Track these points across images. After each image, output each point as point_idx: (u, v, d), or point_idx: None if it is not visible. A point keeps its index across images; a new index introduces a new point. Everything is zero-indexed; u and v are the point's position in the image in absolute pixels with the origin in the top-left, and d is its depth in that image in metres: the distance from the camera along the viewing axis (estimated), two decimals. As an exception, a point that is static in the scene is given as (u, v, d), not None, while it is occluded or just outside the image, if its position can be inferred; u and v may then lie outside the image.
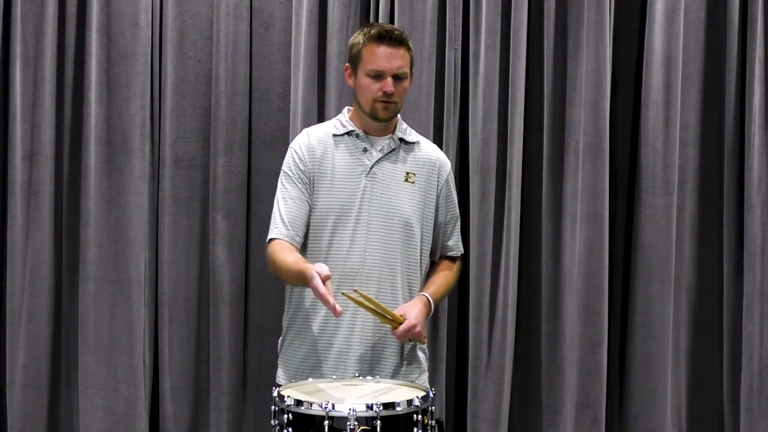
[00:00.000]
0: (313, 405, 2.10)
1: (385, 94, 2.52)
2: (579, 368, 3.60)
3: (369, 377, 2.47)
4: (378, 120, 2.57)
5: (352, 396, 2.25)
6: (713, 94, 3.73)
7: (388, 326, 2.50)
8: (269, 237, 2.58)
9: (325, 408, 2.07)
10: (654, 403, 3.63)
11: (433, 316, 3.58)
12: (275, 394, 2.21)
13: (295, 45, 3.56)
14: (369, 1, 3.61)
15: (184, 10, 3.59)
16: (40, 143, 3.54)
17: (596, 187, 3.59)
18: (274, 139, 3.57)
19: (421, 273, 2.64)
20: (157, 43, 3.59)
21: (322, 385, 2.37)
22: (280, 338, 2.68)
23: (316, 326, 2.55)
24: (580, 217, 3.59)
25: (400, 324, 2.45)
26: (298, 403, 2.13)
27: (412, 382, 2.51)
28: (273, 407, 2.20)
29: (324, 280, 2.27)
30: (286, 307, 2.65)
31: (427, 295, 2.57)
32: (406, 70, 2.56)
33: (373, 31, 2.56)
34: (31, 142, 3.55)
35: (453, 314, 3.66)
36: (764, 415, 3.64)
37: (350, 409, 2.05)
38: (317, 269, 2.29)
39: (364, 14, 3.61)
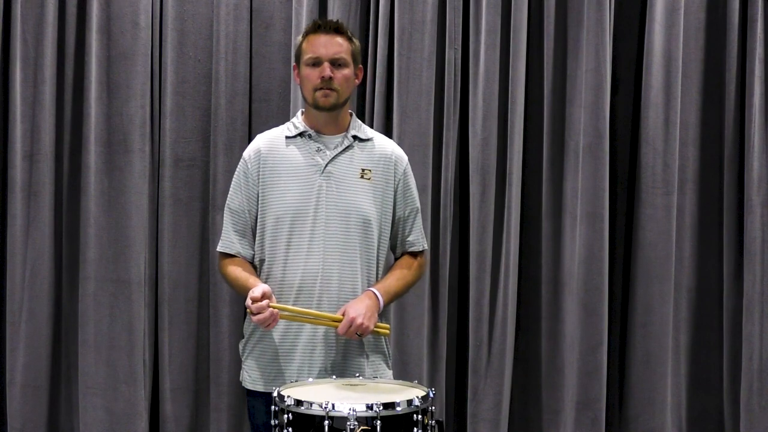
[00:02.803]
0: (313, 405, 2.10)
1: (323, 79, 2.50)
2: (579, 368, 3.60)
3: (369, 377, 2.47)
4: (320, 109, 2.54)
5: (352, 396, 2.25)
6: (713, 94, 3.73)
7: None
8: (220, 249, 2.63)
9: (325, 408, 2.07)
10: (654, 403, 3.64)
11: (433, 316, 3.59)
12: (275, 394, 2.21)
13: (295, 45, 3.56)
14: (369, 1, 3.61)
15: (184, 10, 3.60)
16: (40, 143, 3.54)
17: (596, 187, 3.59)
18: (274, 139, 3.57)
19: (378, 270, 2.60)
20: (157, 43, 3.59)
21: (322, 385, 2.37)
22: (242, 343, 2.65)
23: (278, 332, 2.54)
24: (580, 217, 3.59)
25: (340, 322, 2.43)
26: (298, 403, 2.13)
27: (377, 376, 2.51)
28: (273, 407, 2.20)
29: (261, 298, 2.38)
30: (247, 313, 2.64)
31: (374, 290, 2.51)
32: (345, 57, 2.54)
33: (311, 25, 2.60)
34: (31, 142, 3.55)
35: (453, 314, 3.66)
36: (764, 415, 3.64)
37: (350, 409, 2.05)
38: (252, 292, 2.39)
39: (364, 14, 3.61)
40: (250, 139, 3.60)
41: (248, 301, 2.40)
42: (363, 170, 2.57)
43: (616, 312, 3.71)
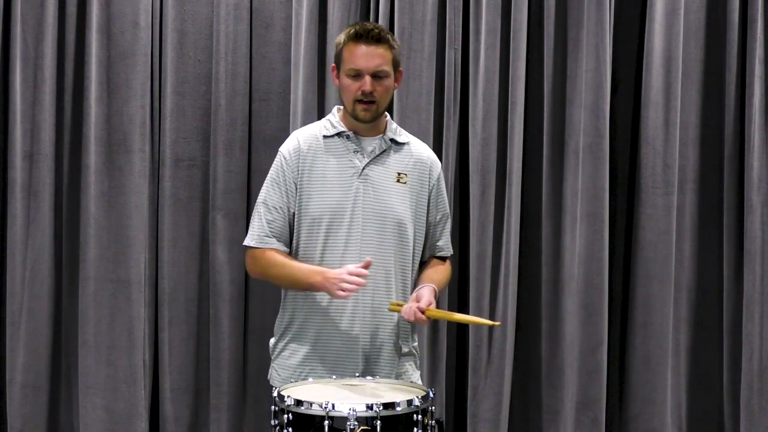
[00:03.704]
0: (313, 405, 2.10)
1: (364, 93, 2.49)
2: (579, 368, 3.60)
3: (369, 377, 2.47)
4: (359, 121, 2.54)
5: (352, 396, 2.25)
6: (713, 94, 3.73)
7: (386, 326, 2.53)
8: (255, 245, 2.55)
9: (325, 408, 2.07)
10: (654, 403, 3.63)
11: (433, 316, 3.58)
12: (275, 394, 2.21)
13: (295, 45, 3.56)
14: (369, 1, 3.61)
15: (184, 10, 3.60)
16: (40, 143, 3.55)
17: (596, 187, 3.59)
18: (274, 139, 3.57)
19: (412, 274, 2.62)
20: (157, 43, 3.59)
21: (322, 385, 2.37)
22: (273, 341, 2.65)
23: (313, 330, 2.54)
24: (580, 217, 3.59)
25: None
26: (298, 403, 2.13)
27: (409, 380, 2.52)
28: (273, 407, 2.20)
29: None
30: (280, 311, 2.63)
31: (434, 287, 2.54)
32: (386, 68, 2.52)
33: (352, 31, 2.55)
34: (31, 142, 3.55)
35: (453, 314, 3.66)
36: (764, 415, 3.64)
37: (350, 409, 2.05)
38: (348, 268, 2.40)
39: (364, 14, 3.61)
40: (250, 139, 3.61)
41: (344, 272, 2.39)
42: (399, 174, 2.58)
43: (616, 312, 3.71)
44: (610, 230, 3.63)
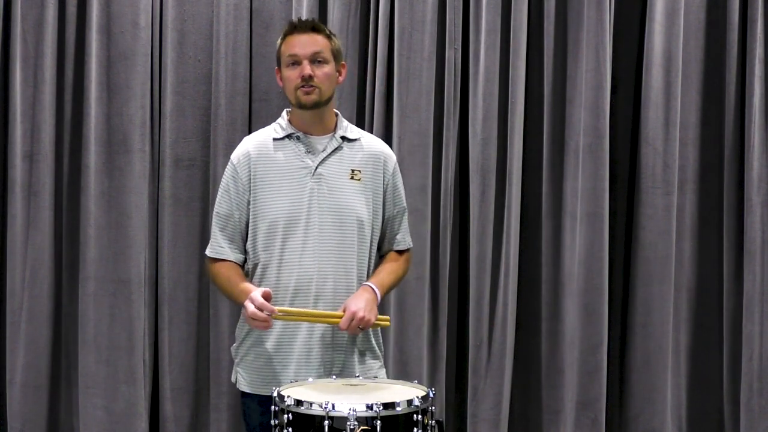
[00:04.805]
0: (313, 405, 2.10)
1: (303, 78, 2.50)
2: (579, 368, 3.60)
3: (368, 377, 2.47)
4: (304, 108, 2.53)
5: (352, 396, 2.25)
6: (713, 94, 3.73)
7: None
8: (209, 254, 2.62)
9: (325, 408, 2.07)
10: (654, 403, 3.64)
11: (433, 316, 3.59)
12: (275, 394, 2.21)
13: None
14: (369, 1, 3.62)
15: (184, 11, 3.60)
16: (40, 143, 3.55)
17: (596, 187, 3.60)
18: (274, 139, 3.57)
19: (369, 268, 2.60)
20: (157, 43, 3.59)
21: (322, 385, 2.37)
22: (235, 346, 2.65)
23: (273, 337, 2.54)
24: (580, 217, 3.60)
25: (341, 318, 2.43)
26: (298, 403, 2.13)
27: (374, 376, 2.52)
28: (273, 407, 2.20)
29: (264, 297, 2.38)
30: (241, 318, 2.63)
31: (370, 284, 2.51)
32: (325, 54, 2.53)
33: (287, 27, 2.60)
34: (31, 142, 3.55)
35: (453, 314, 3.66)
36: (764, 415, 3.64)
37: (350, 409, 2.05)
38: (252, 295, 2.40)
39: (364, 14, 3.61)
40: (250, 139, 3.60)
41: (249, 305, 2.39)
42: (353, 171, 2.57)
43: (616, 312, 3.71)
44: (610, 230, 3.63)
